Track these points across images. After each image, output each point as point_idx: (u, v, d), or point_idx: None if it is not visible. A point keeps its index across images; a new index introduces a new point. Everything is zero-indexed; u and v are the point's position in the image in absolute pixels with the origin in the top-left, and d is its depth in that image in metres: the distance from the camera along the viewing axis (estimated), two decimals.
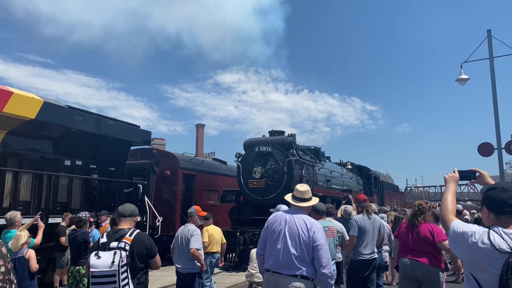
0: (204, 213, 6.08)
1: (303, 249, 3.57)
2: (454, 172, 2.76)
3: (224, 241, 8.08)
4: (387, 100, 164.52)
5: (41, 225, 6.46)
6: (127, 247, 3.23)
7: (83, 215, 6.70)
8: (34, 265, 5.48)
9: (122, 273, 3.11)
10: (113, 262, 3.11)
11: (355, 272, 5.92)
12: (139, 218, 3.71)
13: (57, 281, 8.74)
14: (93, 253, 3.22)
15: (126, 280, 3.13)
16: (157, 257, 3.56)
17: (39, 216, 7.61)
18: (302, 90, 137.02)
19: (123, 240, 3.28)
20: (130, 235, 3.30)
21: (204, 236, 7.57)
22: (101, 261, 3.14)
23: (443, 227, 2.30)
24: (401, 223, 8.74)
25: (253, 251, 8.55)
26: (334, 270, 5.58)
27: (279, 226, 3.73)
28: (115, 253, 3.16)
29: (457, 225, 2.30)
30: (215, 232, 7.86)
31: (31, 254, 5.48)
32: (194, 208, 6.14)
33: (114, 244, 3.27)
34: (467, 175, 2.77)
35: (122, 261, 3.13)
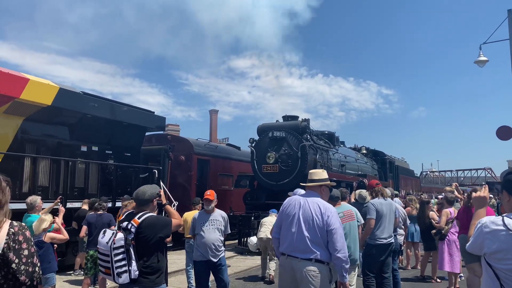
0: (210, 197, 5.72)
1: (317, 232, 3.57)
2: (484, 188, 2.66)
3: None
4: (403, 84, 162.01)
5: (61, 210, 6.59)
6: (132, 229, 3.22)
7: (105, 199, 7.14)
8: (62, 237, 5.66)
9: (116, 254, 3.11)
10: (107, 242, 3.15)
11: (371, 256, 5.89)
12: (156, 203, 3.59)
13: (77, 264, 8.94)
14: (102, 231, 3.29)
15: (122, 262, 3.12)
16: (173, 222, 3.51)
17: (59, 201, 7.75)
18: (316, 74, 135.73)
19: (131, 221, 3.27)
20: (138, 218, 3.28)
21: None
22: (104, 239, 3.19)
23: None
24: (427, 207, 8.52)
25: (265, 219, 9.01)
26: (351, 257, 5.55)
27: (294, 209, 3.74)
28: (112, 234, 3.19)
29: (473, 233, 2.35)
30: (189, 219, 7.73)
31: (51, 235, 5.59)
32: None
33: (124, 224, 3.30)
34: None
35: (114, 243, 3.11)
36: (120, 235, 3.17)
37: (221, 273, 5.58)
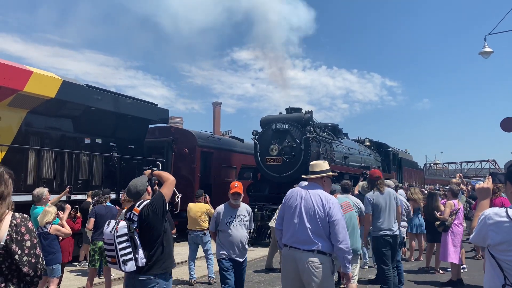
0: (239, 190, 5.09)
1: (318, 224, 3.59)
2: (487, 180, 2.63)
3: (205, 218, 7.71)
4: (407, 75, 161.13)
5: (67, 207, 6.58)
6: (135, 218, 3.27)
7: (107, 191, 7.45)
8: (66, 230, 5.70)
9: (120, 243, 3.14)
10: (110, 231, 3.18)
11: (379, 248, 5.90)
12: (150, 189, 3.62)
13: (82, 256, 9.03)
14: (107, 222, 3.33)
15: (127, 250, 3.15)
16: (165, 187, 3.52)
17: (68, 190, 7.80)
18: (320, 66, 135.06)
19: (132, 211, 3.33)
20: (138, 206, 3.33)
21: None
22: (108, 229, 3.23)
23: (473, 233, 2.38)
24: (437, 199, 8.42)
25: None
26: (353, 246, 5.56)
27: (295, 201, 3.76)
28: (116, 222, 3.23)
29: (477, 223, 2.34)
30: (192, 210, 7.76)
31: (56, 227, 5.65)
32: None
33: (127, 215, 3.36)
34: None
35: (117, 231, 3.15)
36: (123, 223, 3.21)
37: (241, 274, 5.12)
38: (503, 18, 12.78)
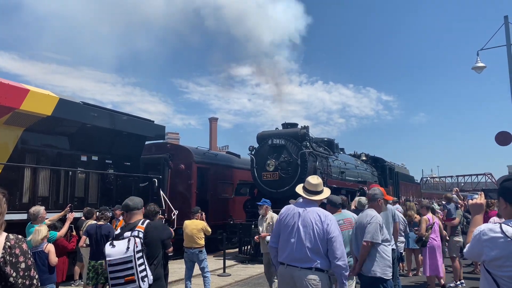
0: (391, 198, 4.66)
1: (317, 241, 3.58)
2: (480, 196, 2.65)
3: (201, 235, 7.67)
4: (403, 90, 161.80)
5: (69, 218, 6.62)
6: (141, 235, 3.29)
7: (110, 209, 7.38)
8: (53, 259, 5.60)
9: (138, 258, 3.14)
10: (128, 248, 3.16)
11: None
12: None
13: (77, 274, 8.92)
14: (108, 243, 3.31)
15: (143, 266, 3.16)
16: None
17: (68, 209, 7.78)
18: (316, 81, 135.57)
19: (136, 229, 3.35)
20: (142, 224, 3.38)
21: None
22: (116, 249, 3.20)
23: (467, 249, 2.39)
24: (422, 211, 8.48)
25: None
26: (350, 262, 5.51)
27: (293, 219, 3.74)
28: (129, 240, 3.21)
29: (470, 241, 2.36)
30: (188, 227, 7.67)
31: (50, 248, 5.60)
32: (379, 190, 4.66)
33: (127, 233, 3.34)
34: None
35: (137, 246, 3.16)
36: (138, 239, 3.23)
37: None
38: (495, 34, 13.02)
